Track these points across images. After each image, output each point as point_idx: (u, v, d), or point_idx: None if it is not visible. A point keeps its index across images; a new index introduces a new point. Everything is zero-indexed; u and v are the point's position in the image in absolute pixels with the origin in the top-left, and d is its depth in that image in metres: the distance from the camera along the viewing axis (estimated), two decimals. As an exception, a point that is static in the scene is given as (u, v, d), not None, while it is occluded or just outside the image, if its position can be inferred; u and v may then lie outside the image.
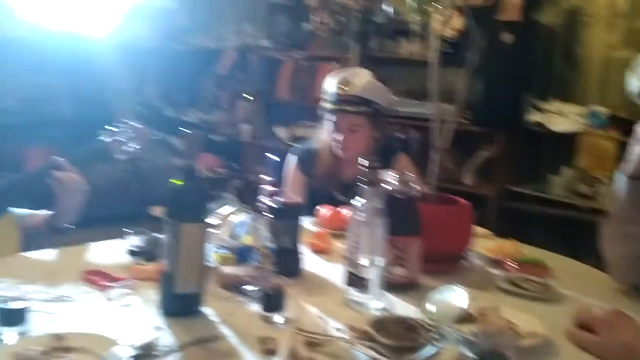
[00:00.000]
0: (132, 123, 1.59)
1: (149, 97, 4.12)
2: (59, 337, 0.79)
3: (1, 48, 3.18)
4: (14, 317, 0.83)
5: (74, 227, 1.44)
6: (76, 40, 3.29)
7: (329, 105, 1.73)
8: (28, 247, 1.33)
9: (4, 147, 3.08)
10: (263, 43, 3.80)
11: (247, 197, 1.57)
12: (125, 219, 1.51)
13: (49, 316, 0.90)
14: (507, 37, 2.77)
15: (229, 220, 1.18)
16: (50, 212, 1.41)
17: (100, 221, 1.65)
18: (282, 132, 3.66)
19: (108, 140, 1.49)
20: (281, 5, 3.79)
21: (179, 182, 0.96)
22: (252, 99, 3.89)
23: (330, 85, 1.73)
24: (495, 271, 1.21)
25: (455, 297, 0.89)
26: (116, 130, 1.55)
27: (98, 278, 1.06)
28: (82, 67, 3.37)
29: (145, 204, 3.65)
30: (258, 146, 3.79)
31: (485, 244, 1.34)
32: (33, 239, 1.37)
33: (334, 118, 1.73)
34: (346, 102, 1.69)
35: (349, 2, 3.30)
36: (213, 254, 1.11)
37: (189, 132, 3.94)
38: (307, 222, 1.45)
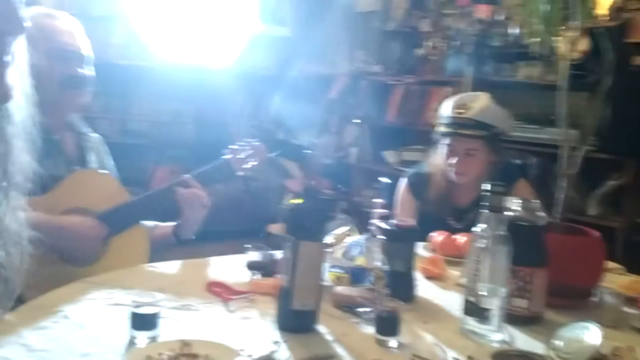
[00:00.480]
0: (251, 141, 1.67)
1: (263, 120, 4.31)
2: (185, 343, 0.83)
3: (136, 77, 3.50)
4: (146, 322, 0.89)
5: (194, 238, 1.53)
6: (200, 69, 3.53)
7: (444, 128, 1.71)
8: (153, 256, 1.43)
9: (136, 164, 3.36)
10: (374, 68, 3.84)
11: (355, 218, 1.58)
12: (237, 233, 1.58)
13: (176, 323, 0.95)
14: (637, 60, 2.57)
15: (344, 240, 1.19)
16: (174, 224, 1.51)
17: (215, 235, 1.73)
18: (390, 156, 3.65)
19: (229, 157, 1.57)
20: (394, 31, 3.82)
21: (299, 201, 0.98)
22: (360, 122, 3.93)
23: (446, 108, 1.71)
24: (629, 309, 1.11)
25: (588, 334, 0.83)
26: (236, 147, 1.63)
27: (220, 290, 1.11)
28: (204, 93, 3.61)
29: (255, 221, 3.80)
30: (366, 169, 3.81)
31: (616, 280, 1.24)
32: (157, 248, 1.47)
33: (448, 141, 1.70)
34: (462, 125, 1.65)
35: (464, 26, 3.25)
36: (328, 273, 1.12)
37: (307, 153, 4.07)
38: (419, 247, 1.43)
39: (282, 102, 4.35)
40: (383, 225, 1.15)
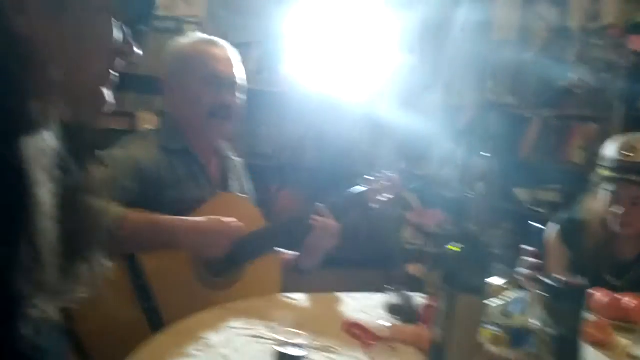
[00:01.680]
0: (387, 173, 1.60)
1: (385, 150, 4.25)
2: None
3: (266, 101, 3.60)
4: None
5: (316, 269, 1.49)
6: (328, 96, 3.56)
7: (607, 173, 1.52)
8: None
9: (263, 186, 3.44)
10: (507, 99, 3.64)
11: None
12: (354, 262, 1.52)
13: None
14: None
15: (501, 294, 1.07)
16: (296, 253, 1.48)
17: (332, 262, 1.68)
18: (522, 194, 3.41)
19: (364, 188, 1.51)
20: (531, 60, 3.60)
21: (457, 248, 0.89)
22: (490, 156, 3.73)
23: (610, 150, 1.52)
24: None
25: None
26: (372, 179, 1.57)
27: (359, 332, 1.04)
28: (329, 119, 3.64)
29: (373, 251, 3.71)
30: (493, 207, 3.59)
31: None
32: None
33: (612, 187, 1.51)
34: (631, 170, 1.46)
35: (614, 58, 2.98)
36: (482, 330, 1.01)
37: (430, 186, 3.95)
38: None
39: (405, 132, 4.27)
40: (547, 280, 1.01)
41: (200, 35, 1.46)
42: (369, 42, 3.51)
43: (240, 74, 1.44)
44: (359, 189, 1.49)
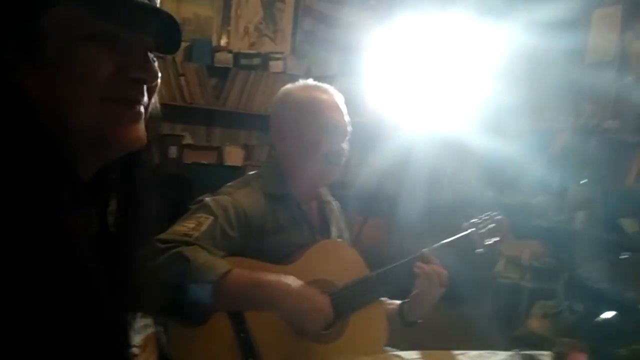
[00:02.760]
0: (493, 214, 1.51)
1: (467, 177, 4.09)
2: None
3: (361, 132, 3.56)
4: None
5: (421, 321, 1.40)
6: (410, 124, 3.47)
7: None
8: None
9: (348, 217, 3.40)
10: (608, 124, 3.40)
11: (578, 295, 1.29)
12: (445, 299, 1.42)
13: None
14: None
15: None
16: (398, 302, 1.40)
17: None
18: (630, 225, 3.15)
19: (469, 231, 1.42)
20: (633, 83, 3.35)
21: (610, 315, 0.78)
22: (589, 183, 3.49)
23: None
24: None
25: None
26: (478, 221, 1.48)
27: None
28: (414, 148, 3.54)
29: (464, 288, 3.54)
30: (595, 238, 3.33)
31: None
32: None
33: None
34: None
35: None
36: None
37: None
38: None
39: (492, 158, 4.10)
40: None
41: (310, 82, 1.45)
42: (456, 69, 3.40)
43: (348, 120, 1.42)
44: (466, 232, 1.41)
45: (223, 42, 3.70)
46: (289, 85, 1.44)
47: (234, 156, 3.63)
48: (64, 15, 0.57)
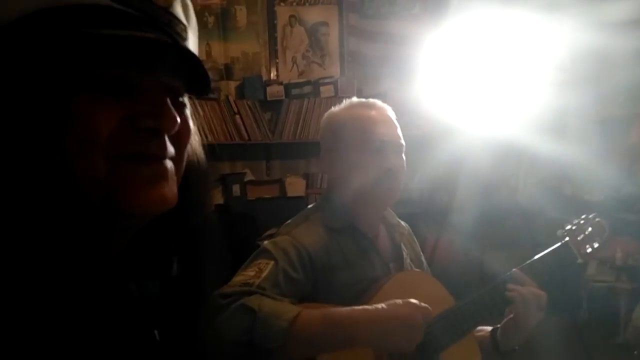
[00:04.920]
0: (589, 216, 1.37)
1: (539, 179, 3.87)
2: None
3: (418, 145, 3.46)
4: None
5: (517, 349, 1.27)
6: (470, 130, 3.32)
7: None
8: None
9: (419, 237, 3.28)
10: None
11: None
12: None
13: None
14: None
15: None
16: (491, 329, 1.28)
17: None
18: None
19: (566, 240, 1.29)
20: None
21: None
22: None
23: None
24: None
25: None
26: (573, 227, 1.34)
27: None
28: (476, 156, 3.39)
29: (554, 296, 3.30)
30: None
31: None
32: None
33: None
34: None
35: None
36: None
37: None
38: None
39: (565, 153, 3.86)
40: None
41: (354, 100, 1.34)
42: (517, 70, 3.24)
43: (400, 134, 1.30)
44: (563, 242, 1.28)
45: (273, 75, 3.73)
46: (333, 108, 1.35)
47: (295, 187, 3.61)
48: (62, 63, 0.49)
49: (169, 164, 0.53)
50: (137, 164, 0.51)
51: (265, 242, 1.22)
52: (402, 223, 1.40)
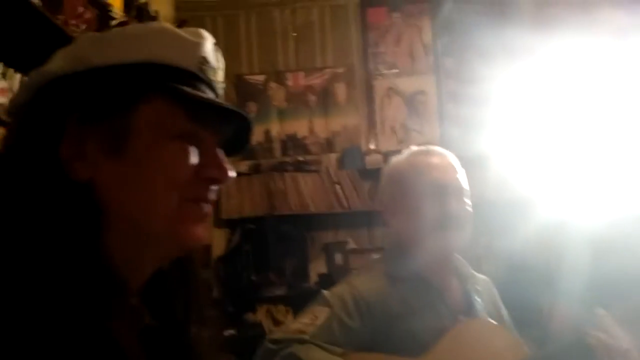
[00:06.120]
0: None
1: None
2: None
3: (508, 211, 3.31)
4: None
5: None
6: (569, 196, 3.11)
7: None
8: None
9: (529, 303, 3.06)
10: None
11: None
12: None
13: None
14: None
15: None
16: None
17: None
18: None
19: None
20: None
21: None
22: None
23: None
24: None
25: None
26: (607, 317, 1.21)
27: None
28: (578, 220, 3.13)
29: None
30: None
31: None
32: None
33: None
34: None
35: None
36: None
37: None
38: None
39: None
40: None
41: (414, 147, 1.36)
42: (615, 117, 3.03)
43: (461, 178, 1.29)
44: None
45: (372, 145, 3.83)
46: (393, 158, 1.38)
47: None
48: (155, 111, 0.59)
49: (209, 209, 0.63)
50: (196, 206, 0.61)
51: (324, 291, 1.23)
52: (480, 276, 1.35)
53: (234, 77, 3.79)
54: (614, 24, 3.09)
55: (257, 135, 3.79)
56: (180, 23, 3.32)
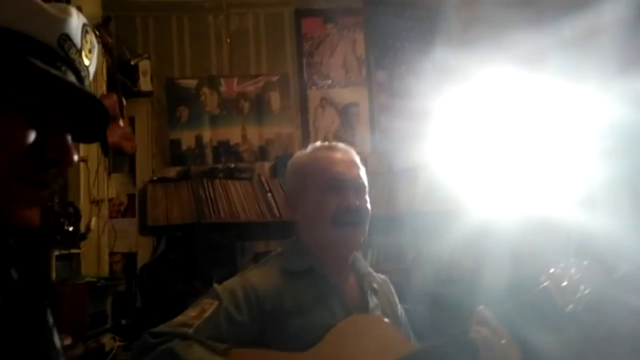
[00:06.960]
0: (577, 260, 1.27)
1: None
2: None
3: (440, 222, 3.41)
4: None
5: None
6: (504, 206, 3.24)
7: None
8: None
9: (456, 314, 3.14)
10: None
11: None
12: None
13: None
14: None
15: None
16: None
17: None
18: None
19: (546, 284, 1.20)
20: None
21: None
22: None
23: None
24: None
25: None
26: (556, 271, 1.24)
27: None
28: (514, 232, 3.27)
29: None
30: None
31: None
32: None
33: None
34: None
35: None
36: None
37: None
38: None
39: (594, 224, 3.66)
40: None
41: (317, 144, 1.36)
42: (549, 145, 3.19)
43: (361, 174, 1.30)
44: (539, 288, 1.18)
45: (305, 154, 3.83)
46: (297, 152, 1.38)
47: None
48: None
49: (47, 194, 0.59)
50: (30, 187, 0.56)
51: (216, 284, 1.20)
52: (379, 275, 1.36)
53: (164, 80, 3.68)
54: (531, 44, 3.27)
55: (188, 141, 3.70)
56: (106, 19, 3.17)
